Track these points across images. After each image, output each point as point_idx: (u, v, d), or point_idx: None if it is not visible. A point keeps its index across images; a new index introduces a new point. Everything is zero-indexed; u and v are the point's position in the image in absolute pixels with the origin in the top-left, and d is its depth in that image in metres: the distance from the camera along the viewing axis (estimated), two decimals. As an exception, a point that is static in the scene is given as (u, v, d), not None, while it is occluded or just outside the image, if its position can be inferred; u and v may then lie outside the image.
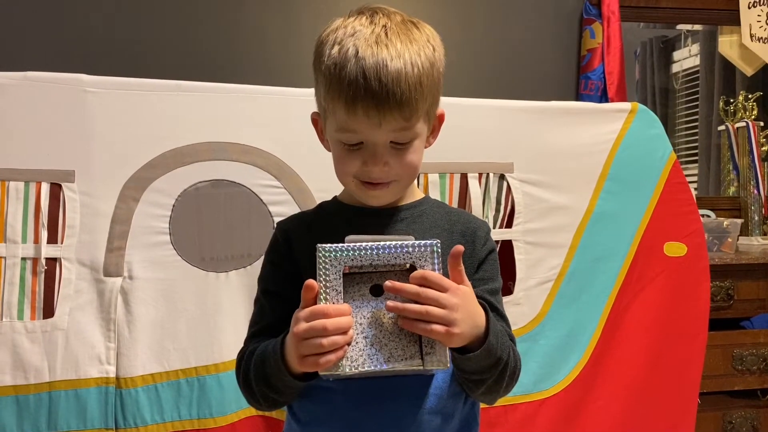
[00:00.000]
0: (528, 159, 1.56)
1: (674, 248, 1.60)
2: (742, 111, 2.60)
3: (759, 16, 2.61)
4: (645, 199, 1.60)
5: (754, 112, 2.59)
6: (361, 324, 0.76)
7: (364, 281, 0.78)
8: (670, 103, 3.10)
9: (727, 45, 2.71)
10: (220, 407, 1.35)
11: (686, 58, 3.05)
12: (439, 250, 0.76)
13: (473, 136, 1.54)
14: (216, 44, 2.24)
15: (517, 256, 1.54)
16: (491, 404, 0.92)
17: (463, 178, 1.53)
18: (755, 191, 2.51)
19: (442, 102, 0.95)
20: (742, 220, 2.30)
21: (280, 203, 1.42)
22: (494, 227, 1.54)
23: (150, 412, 1.31)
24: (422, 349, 0.75)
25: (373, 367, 0.75)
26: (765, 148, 2.58)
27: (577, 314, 1.55)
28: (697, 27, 2.93)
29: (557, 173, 1.57)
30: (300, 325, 0.73)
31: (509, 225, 1.55)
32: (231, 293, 1.38)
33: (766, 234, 2.49)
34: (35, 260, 1.31)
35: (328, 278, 0.75)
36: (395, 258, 0.76)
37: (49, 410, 1.27)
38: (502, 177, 1.55)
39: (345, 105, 0.81)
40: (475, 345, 0.78)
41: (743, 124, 2.54)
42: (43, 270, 1.31)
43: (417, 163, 0.88)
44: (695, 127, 3.03)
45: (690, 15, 2.69)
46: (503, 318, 0.91)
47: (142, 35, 2.19)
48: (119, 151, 1.36)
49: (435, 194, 1.50)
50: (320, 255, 0.76)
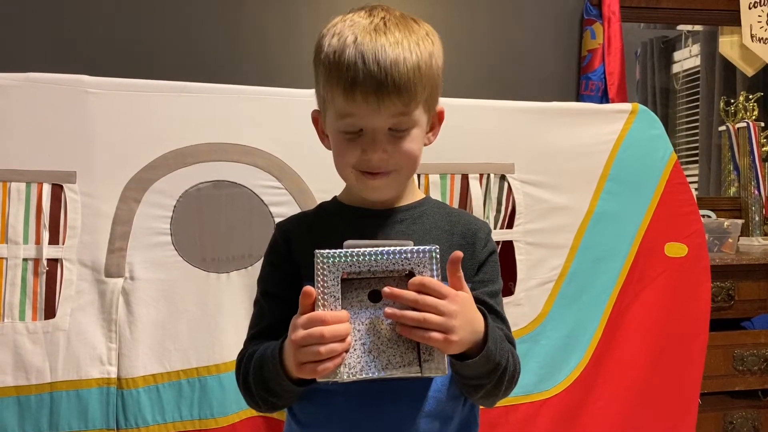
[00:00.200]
0: (529, 159, 1.56)
1: (675, 249, 1.60)
2: (742, 111, 2.60)
3: (759, 16, 2.61)
4: (646, 199, 1.60)
5: (755, 113, 2.59)
6: (359, 330, 0.76)
7: (363, 287, 0.77)
8: (671, 103, 3.10)
9: (727, 45, 2.71)
10: (221, 408, 1.35)
11: (687, 59, 3.05)
12: (437, 256, 0.76)
13: (474, 137, 1.54)
14: (216, 45, 2.24)
15: (518, 256, 1.54)
16: (490, 407, 0.92)
17: (464, 178, 1.53)
18: (756, 192, 2.51)
19: (443, 102, 0.95)
20: (743, 220, 2.30)
21: (281, 204, 1.42)
22: (495, 228, 1.54)
23: (151, 412, 1.31)
24: (420, 356, 0.75)
25: (370, 375, 0.75)
26: (766, 148, 2.58)
27: (577, 315, 1.55)
28: (697, 27, 2.93)
29: (558, 174, 1.57)
30: (297, 333, 0.73)
31: (510, 226, 1.55)
32: (232, 294, 1.38)
33: (766, 234, 2.49)
34: (37, 261, 1.31)
35: (326, 284, 0.74)
36: (393, 264, 0.75)
37: (50, 411, 1.28)
38: (503, 177, 1.55)
39: (344, 90, 0.81)
40: (473, 351, 0.78)
41: (744, 124, 2.54)
42: (45, 271, 1.31)
43: (416, 152, 0.87)
44: (696, 128, 3.03)
45: (690, 15, 2.69)
46: (503, 320, 0.91)
47: (143, 36, 2.19)
48: (120, 151, 1.36)
49: (436, 195, 1.50)
50: (318, 261, 0.75)
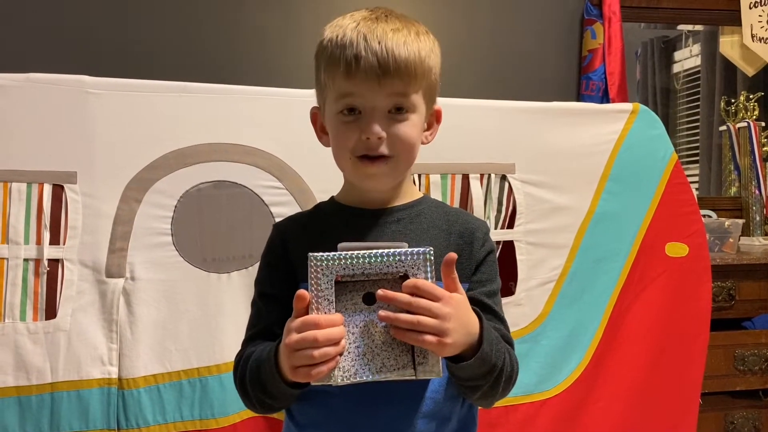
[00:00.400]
0: (529, 160, 1.56)
1: (676, 248, 1.60)
2: (743, 111, 2.60)
3: (760, 16, 2.61)
4: (646, 199, 1.60)
5: (756, 113, 2.59)
6: (353, 333, 0.75)
7: (357, 289, 0.77)
8: (671, 103, 3.10)
9: (728, 45, 2.71)
10: (222, 408, 1.35)
11: (687, 59, 3.05)
12: (432, 258, 0.75)
13: (475, 137, 1.54)
14: (217, 45, 2.24)
15: (518, 256, 1.53)
16: (488, 408, 0.91)
17: (465, 178, 1.53)
18: (756, 191, 2.51)
19: (443, 102, 0.95)
20: (744, 220, 2.30)
21: (282, 204, 1.42)
22: (496, 228, 1.54)
23: (152, 412, 1.31)
24: (415, 358, 0.75)
25: (364, 378, 0.74)
26: (766, 148, 2.58)
27: (578, 315, 1.55)
28: (698, 27, 2.93)
29: (559, 174, 1.57)
30: (291, 336, 0.73)
31: (511, 226, 1.55)
32: (233, 294, 1.38)
33: (767, 234, 2.49)
34: (37, 261, 1.31)
35: (319, 287, 0.74)
36: (387, 266, 0.75)
37: (51, 411, 1.28)
38: (503, 178, 1.55)
39: (345, 68, 0.82)
40: (468, 353, 0.78)
41: (744, 124, 2.54)
42: (46, 271, 1.31)
43: (414, 139, 0.87)
44: (696, 128, 3.02)
45: (691, 15, 2.69)
46: (501, 320, 0.91)
47: (144, 36, 2.19)
48: (121, 152, 1.36)
49: (436, 195, 1.50)
50: (312, 263, 0.74)
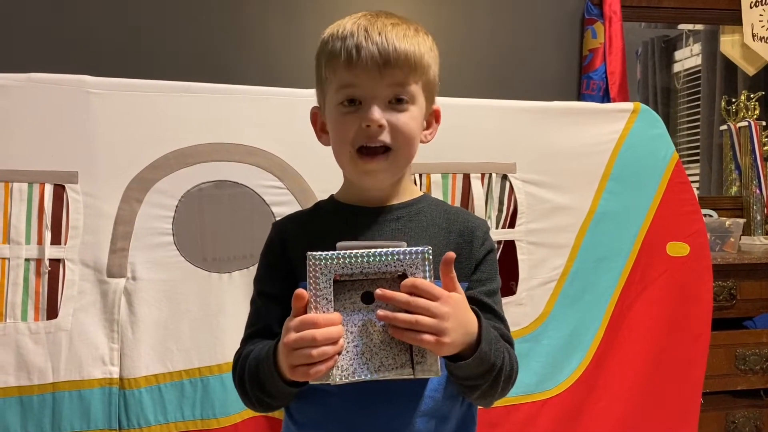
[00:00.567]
0: (530, 159, 1.56)
1: (677, 248, 1.59)
2: (744, 110, 2.60)
3: (761, 15, 2.61)
4: (647, 199, 1.60)
5: (756, 112, 2.58)
6: (351, 332, 0.75)
7: (356, 288, 0.77)
8: (672, 102, 3.10)
9: (728, 44, 2.70)
10: (223, 408, 1.35)
11: (688, 58, 3.05)
12: (430, 257, 0.75)
13: (476, 137, 1.54)
14: (218, 45, 2.24)
15: (519, 256, 1.53)
16: (487, 407, 0.91)
17: (466, 178, 1.53)
18: (757, 191, 2.50)
19: (444, 102, 0.95)
20: (745, 219, 2.30)
21: (283, 204, 1.42)
22: (497, 227, 1.54)
23: (153, 412, 1.32)
24: (413, 357, 0.75)
25: (363, 377, 0.74)
26: (767, 147, 2.58)
27: (579, 314, 1.54)
28: (698, 27, 2.93)
29: (560, 173, 1.57)
30: (290, 335, 0.73)
31: (512, 225, 1.55)
32: (234, 294, 1.38)
33: (768, 233, 2.49)
34: (39, 261, 1.31)
35: (318, 286, 0.74)
36: (386, 265, 0.75)
37: (52, 411, 1.28)
38: (504, 177, 1.55)
39: (347, 58, 0.83)
40: (467, 352, 0.78)
41: (745, 123, 2.54)
42: (47, 271, 1.31)
43: (413, 132, 0.87)
44: (697, 127, 3.02)
45: (691, 15, 2.69)
46: (501, 319, 0.91)
47: (145, 36, 2.19)
48: (122, 152, 1.36)
49: (437, 195, 1.50)
50: (310, 262, 0.75)
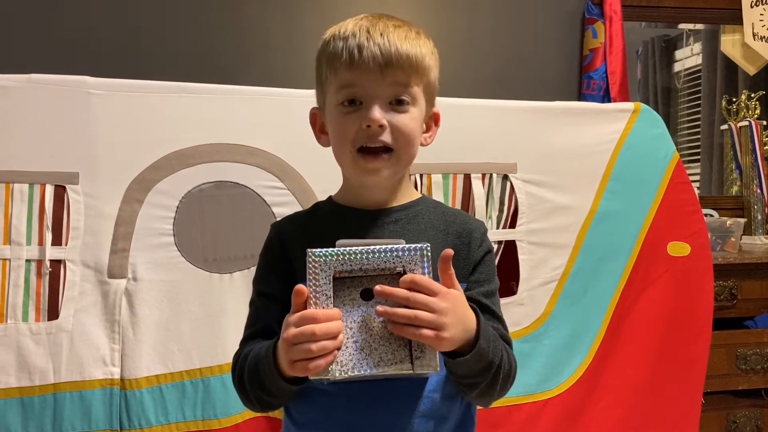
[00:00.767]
0: (531, 159, 1.56)
1: (677, 248, 1.59)
2: (744, 110, 2.60)
3: (761, 15, 2.61)
4: (648, 198, 1.60)
5: (757, 111, 2.58)
6: (351, 328, 0.76)
7: (355, 285, 0.77)
8: (672, 102, 3.10)
9: (729, 44, 2.70)
10: (224, 408, 1.35)
11: (688, 58, 3.04)
12: (429, 254, 0.76)
13: (476, 137, 1.54)
14: (219, 46, 2.24)
15: (520, 256, 1.53)
16: (487, 407, 0.91)
17: (467, 178, 1.53)
18: (758, 190, 2.50)
19: (444, 102, 0.96)
20: (745, 219, 2.30)
21: (284, 204, 1.42)
22: (497, 227, 1.54)
23: (154, 413, 1.32)
24: (412, 353, 0.75)
25: (362, 372, 0.75)
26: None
27: (580, 314, 1.54)
28: (699, 26, 2.92)
29: (560, 173, 1.57)
30: (290, 330, 0.73)
31: (513, 225, 1.55)
32: (235, 294, 1.38)
33: (769, 233, 2.49)
34: (39, 262, 1.32)
35: (318, 283, 0.75)
36: (385, 262, 0.76)
37: (54, 412, 1.28)
38: (505, 177, 1.55)
39: (348, 58, 0.84)
40: (465, 349, 0.78)
41: (746, 123, 2.54)
42: (48, 272, 1.31)
43: (414, 133, 0.88)
44: (697, 127, 3.02)
45: (692, 14, 2.68)
46: (500, 320, 0.91)
47: (146, 37, 2.19)
48: (123, 152, 1.36)
49: (438, 195, 1.50)
50: (310, 259, 0.75)
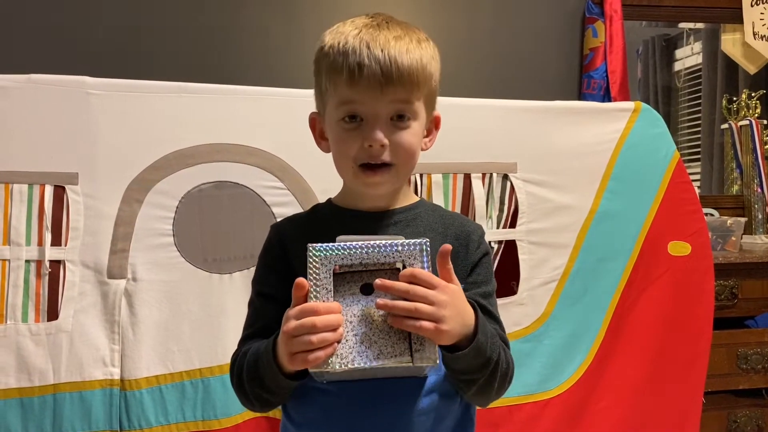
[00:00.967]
0: (531, 159, 1.56)
1: (678, 247, 1.59)
2: (745, 109, 2.59)
3: (762, 14, 2.60)
4: (649, 198, 1.60)
5: (758, 110, 2.58)
6: (351, 322, 0.76)
7: (355, 280, 0.78)
8: (673, 101, 3.09)
9: (729, 43, 2.70)
10: (224, 408, 1.35)
11: (689, 57, 3.04)
12: (428, 249, 0.77)
13: (476, 137, 1.54)
14: (219, 46, 2.24)
15: (520, 256, 1.53)
16: (485, 406, 0.91)
17: (467, 178, 1.53)
18: (759, 189, 2.50)
19: (445, 102, 0.95)
20: (746, 218, 2.30)
21: (283, 204, 1.42)
22: (498, 227, 1.54)
23: (154, 413, 1.32)
24: (411, 346, 0.76)
25: (362, 364, 0.75)
26: (768, 146, 2.58)
27: (581, 314, 1.54)
28: (699, 25, 2.92)
29: (561, 173, 1.57)
30: (290, 323, 0.74)
31: (513, 225, 1.55)
32: (234, 294, 1.38)
33: (769, 232, 2.48)
34: (39, 262, 1.32)
35: (318, 277, 0.76)
36: (385, 257, 0.77)
37: (53, 412, 1.28)
38: (505, 177, 1.55)
39: (348, 75, 0.83)
40: (464, 343, 0.79)
41: (746, 122, 2.54)
42: (47, 272, 1.31)
43: (414, 147, 0.88)
44: (698, 126, 3.02)
45: (692, 13, 2.68)
46: (497, 321, 0.91)
47: (145, 37, 2.19)
48: (122, 153, 1.36)
49: (438, 194, 1.50)
50: (311, 254, 0.76)
